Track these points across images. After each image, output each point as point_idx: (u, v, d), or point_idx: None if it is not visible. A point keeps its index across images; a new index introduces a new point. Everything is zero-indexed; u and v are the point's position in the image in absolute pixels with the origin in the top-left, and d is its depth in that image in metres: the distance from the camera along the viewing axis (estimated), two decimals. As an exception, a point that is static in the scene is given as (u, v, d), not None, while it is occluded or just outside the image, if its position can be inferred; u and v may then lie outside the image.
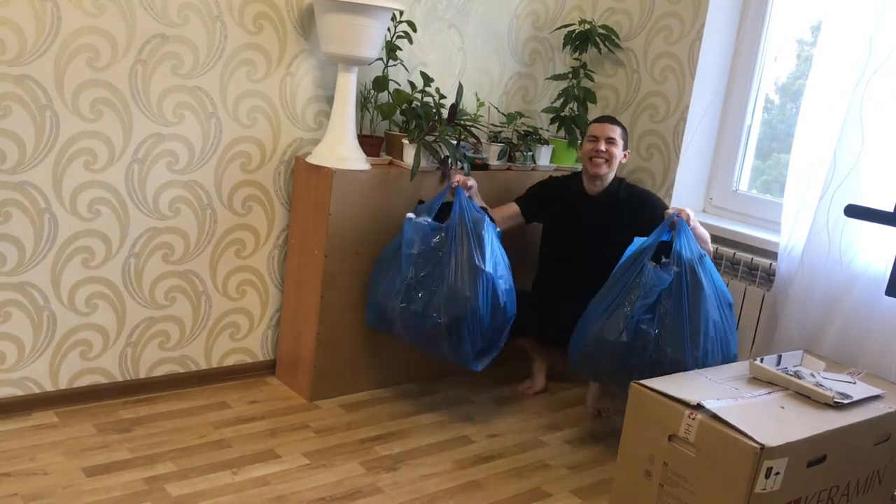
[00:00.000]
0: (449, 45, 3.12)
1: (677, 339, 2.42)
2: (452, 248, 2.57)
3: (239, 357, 2.93)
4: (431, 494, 2.36)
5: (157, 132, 2.54)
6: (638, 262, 2.51)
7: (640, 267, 2.50)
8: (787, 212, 2.73)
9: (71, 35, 2.32)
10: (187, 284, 2.74)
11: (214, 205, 2.72)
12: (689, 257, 2.48)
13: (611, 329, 2.47)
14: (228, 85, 2.63)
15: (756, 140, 3.19)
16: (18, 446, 2.34)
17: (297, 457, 2.47)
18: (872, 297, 2.50)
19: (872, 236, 2.50)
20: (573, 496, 2.44)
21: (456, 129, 2.87)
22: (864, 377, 2.31)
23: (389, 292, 2.62)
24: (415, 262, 2.59)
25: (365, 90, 2.91)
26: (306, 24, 2.74)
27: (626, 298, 2.49)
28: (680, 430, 1.92)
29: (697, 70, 3.13)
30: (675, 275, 2.45)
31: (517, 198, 3.02)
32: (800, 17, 3.05)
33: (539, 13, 3.33)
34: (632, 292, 2.48)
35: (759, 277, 2.86)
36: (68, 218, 2.45)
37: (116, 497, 2.15)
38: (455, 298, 2.52)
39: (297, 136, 2.84)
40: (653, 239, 2.54)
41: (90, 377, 2.62)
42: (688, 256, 2.48)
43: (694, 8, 3.13)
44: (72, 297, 2.52)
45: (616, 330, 2.46)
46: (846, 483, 2.06)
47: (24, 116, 2.31)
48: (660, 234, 2.55)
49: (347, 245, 2.75)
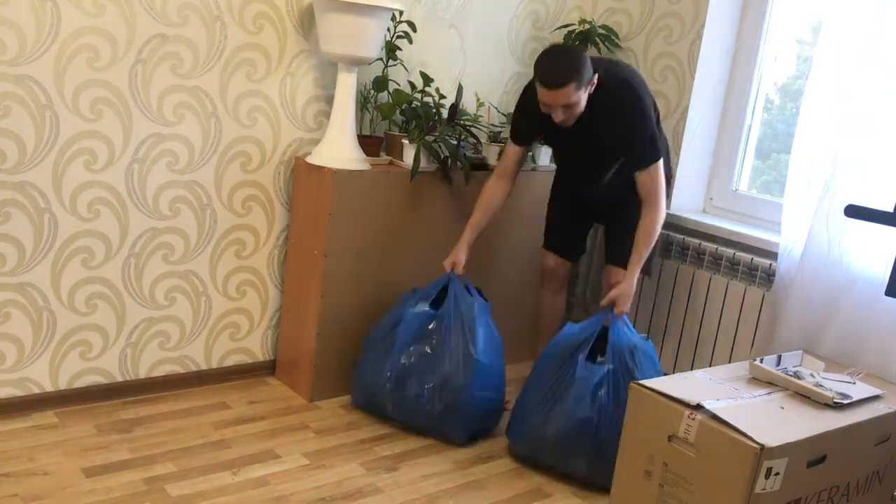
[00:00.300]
0: (449, 45, 3.12)
1: (616, 429, 2.42)
2: (446, 337, 2.62)
3: (239, 357, 2.93)
4: (431, 494, 2.36)
5: (157, 132, 2.54)
6: (573, 358, 2.50)
7: (574, 362, 2.49)
8: (787, 212, 2.73)
9: (71, 35, 2.32)
10: (187, 285, 2.74)
11: (214, 205, 2.72)
12: (621, 351, 2.49)
13: (550, 422, 2.47)
14: (228, 85, 2.63)
15: (756, 140, 3.19)
16: (18, 446, 2.34)
17: (297, 457, 2.47)
18: (872, 298, 2.49)
19: (873, 237, 2.50)
20: (573, 496, 2.45)
21: (456, 129, 2.87)
22: (864, 377, 2.31)
23: (380, 375, 2.64)
24: (407, 349, 2.63)
25: (365, 90, 2.91)
26: (306, 23, 2.74)
27: (563, 394, 2.47)
28: (680, 431, 1.92)
29: (697, 70, 3.13)
30: (610, 371, 2.46)
31: (511, 135, 2.80)
32: (800, 18, 3.05)
33: (539, 13, 3.33)
34: (567, 389, 2.47)
35: (759, 278, 2.86)
36: (68, 218, 2.45)
37: (116, 497, 2.15)
38: (449, 386, 2.58)
39: (297, 136, 2.84)
40: (587, 334, 2.54)
41: (90, 377, 2.62)
42: (620, 350, 2.49)
43: (694, 8, 3.13)
44: (72, 297, 2.52)
45: (555, 424, 2.46)
46: (846, 483, 2.06)
47: (24, 116, 2.31)
48: (594, 328, 2.54)
49: (347, 245, 2.76)
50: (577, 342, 2.54)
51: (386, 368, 2.63)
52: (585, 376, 2.46)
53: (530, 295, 3.27)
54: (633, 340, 2.53)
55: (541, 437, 2.50)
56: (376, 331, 2.74)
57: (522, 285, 3.30)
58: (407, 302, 2.71)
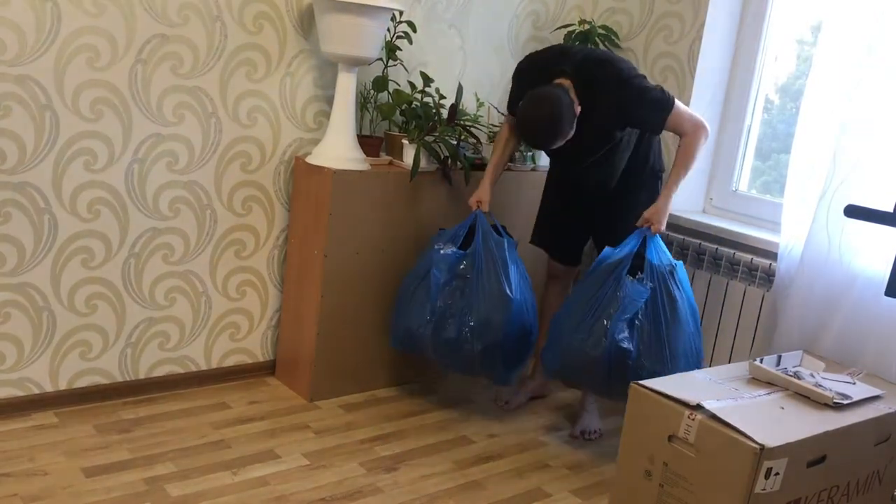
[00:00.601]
0: (449, 46, 3.12)
1: (655, 355, 2.45)
2: (479, 276, 2.65)
3: (239, 357, 2.93)
4: (431, 494, 2.36)
5: (157, 132, 2.54)
6: (615, 276, 2.50)
7: (617, 281, 2.49)
8: (787, 212, 2.73)
9: (71, 35, 2.32)
10: (187, 285, 2.74)
11: (214, 205, 2.72)
12: (661, 272, 2.49)
13: (592, 345, 2.47)
14: (228, 85, 2.63)
15: (756, 140, 3.19)
16: (18, 447, 2.34)
17: (297, 457, 2.47)
18: (872, 298, 2.49)
19: (872, 236, 2.50)
20: (573, 496, 2.45)
21: (456, 129, 2.87)
22: (864, 377, 2.30)
23: (419, 320, 2.67)
24: (442, 291, 2.65)
25: (365, 90, 2.91)
26: (306, 24, 2.74)
27: (605, 313, 2.48)
28: (680, 431, 1.92)
29: (697, 70, 3.13)
30: (650, 290, 2.46)
31: (508, 108, 2.79)
32: (800, 18, 3.05)
33: (539, 13, 3.33)
34: (609, 306, 2.47)
35: (759, 278, 2.86)
36: (68, 218, 2.45)
37: (116, 497, 2.15)
38: (487, 326, 2.61)
39: (297, 137, 2.84)
40: (626, 251, 2.53)
41: (90, 378, 2.62)
42: (660, 271, 2.49)
43: (694, 8, 3.13)
44: (71, 297, 2.52)
45: (598, 345, 2.46)
46: (846, 483, 2.06)
47: (24, 116, 2.31)
48: (633, 246, 2.53)
49: (347, 245, 2.76)
50: (617, 261, 2.52)
51: (426, 312, 2.64)
52: (631, 294, 2.45)
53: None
54: (671, 260, 2.54)
55: (579, 357, 2.49)
56: (410, 278, 2.75)
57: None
58: (436, 244, 2.72)
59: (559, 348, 2.57)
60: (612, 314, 2.46)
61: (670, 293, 2.48)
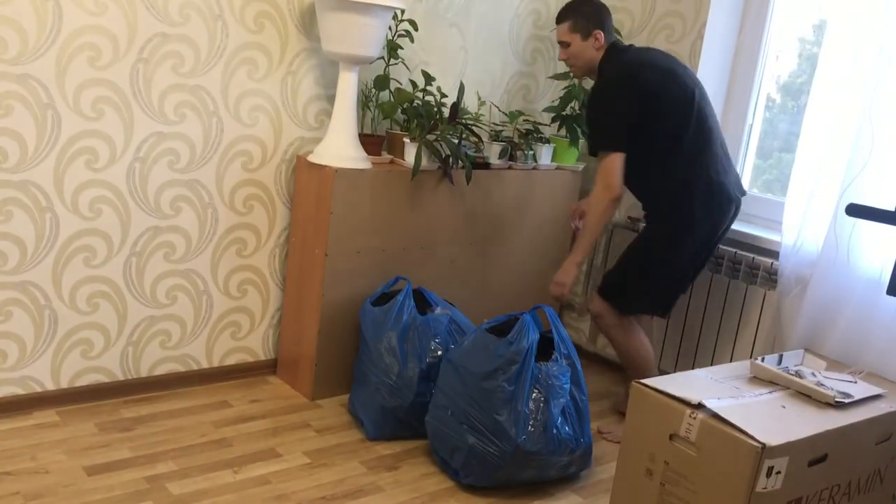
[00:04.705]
0: (450, 44, 3.12)
1: (585, 425, 2.42)
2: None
3: (240, 356, 2.93)
4: (432, 493, 2.36)
5: (159, 131, 2.55)
6: (525, 367, 2.29)
7: (530, 371, 2.30)
8: (791, 211, 2.72)
9: (72, 34, 2.33)
10: (188, 283, 2.74)
11: (216, 204, 2.72)
12: (569, 348, 2.45)
13: (534, 441, 2.29)
14: (230, 84, 2.63)
15: (757, 139, 3.18)
16: (20, 445, 2.34)
17: (298, 456, 2.47)
18: (874, 297, 2.49)
19: (876, 236, 2.50)
20: (574, 494, 2.44)
21: (457, 128, 2.87)
22: (865, 377, 2.31)
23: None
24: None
25: (366, 89, 2.91)
26: (307, 22, 2.74)
27: (533, 402, 2.30)
28: (681, 430, 1.92)
29: (699, 69, 3.12)
30: (569, 366, 2.40)
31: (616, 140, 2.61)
32: (802, 16, 3.04)
33: (540, 12, 3.33)
34: (534, 395, 2.30)
35: (761, 277, 2.86)
36: (70, 217, 2.46)
37: (117, 496, 2.15)
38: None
39: (299, 135, 2.84)
40: (530, 342, 2.32)
41: (91, 376, 2.63)
42: (569, 347, 2.45)
43: (695, 7, 3.13)
44: (73, 296, 2.52)
45: (540, 440, 2.29)
46: (847, 482, 2.06)
47: (25, 115, 2.31)
48: (533, 333, 2.34)
49: (348, 244, 2.76)
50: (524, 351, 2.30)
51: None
52: (557, 378, 2.35)
53: (530, 297, 3.27)
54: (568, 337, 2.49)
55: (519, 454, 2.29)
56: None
57: (523, 286, 3.30)
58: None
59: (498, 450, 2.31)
60: (542, 405, 2.30)
61: (576, 367, 2.41)
